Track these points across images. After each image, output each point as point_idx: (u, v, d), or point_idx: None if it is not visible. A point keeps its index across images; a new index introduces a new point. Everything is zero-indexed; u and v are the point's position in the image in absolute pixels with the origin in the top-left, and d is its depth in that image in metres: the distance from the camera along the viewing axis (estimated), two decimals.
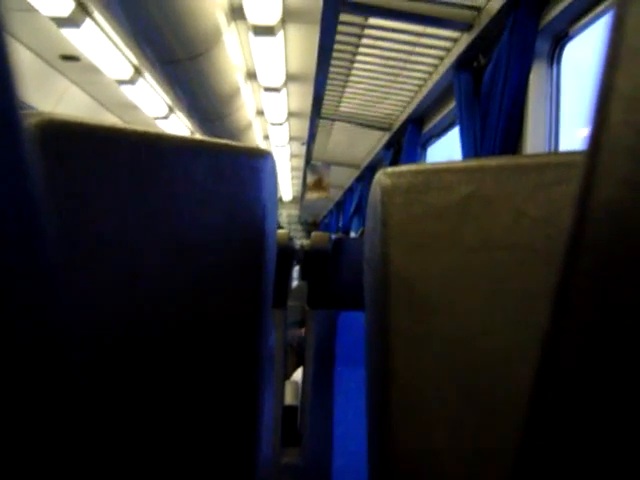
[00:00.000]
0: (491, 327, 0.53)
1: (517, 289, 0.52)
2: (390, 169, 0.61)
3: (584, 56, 2.68)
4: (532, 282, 0.51)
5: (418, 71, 4.11)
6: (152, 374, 0.61)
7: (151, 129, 0.62)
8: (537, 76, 2.64)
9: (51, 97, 6.24)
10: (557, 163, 0.53)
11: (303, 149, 8.03)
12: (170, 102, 6.83)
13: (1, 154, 0.23)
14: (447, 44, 3.52)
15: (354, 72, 4.50)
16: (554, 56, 2.66)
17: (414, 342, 0.57)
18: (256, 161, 0.66)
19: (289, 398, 1.97)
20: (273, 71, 5.42)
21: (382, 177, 0.61)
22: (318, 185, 8.40)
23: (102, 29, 4.75)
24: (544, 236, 0.51)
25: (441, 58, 3.74)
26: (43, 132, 0.54)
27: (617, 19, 0.22)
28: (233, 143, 0.66)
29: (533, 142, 2.64)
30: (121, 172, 0.58)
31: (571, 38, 2.59)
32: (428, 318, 0.56)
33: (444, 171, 0.58)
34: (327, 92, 4.94)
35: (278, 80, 5.70)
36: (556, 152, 2.11)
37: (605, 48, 0.22)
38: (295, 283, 3.96)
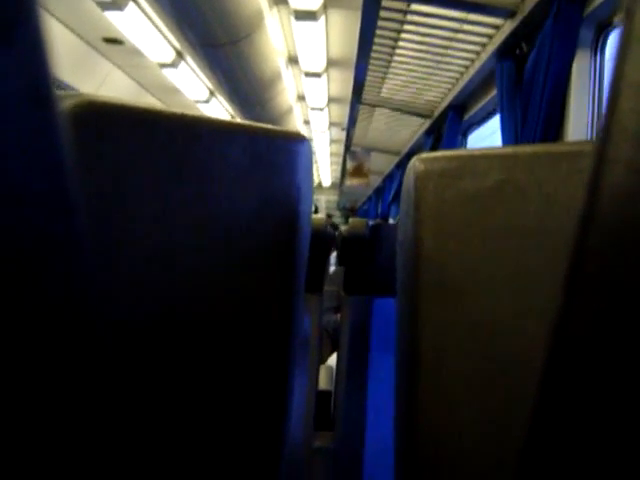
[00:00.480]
0: (520, 313, 0.53)
1: (547, 275, 0.52)
2: (424, 154, 0.61)
3: None
4: (562, 268, 0.51)
5: (460, 58, 4.08)
6: (183, 355, 0.62)
7: (192, 112, 0.62)
8: (580, 65, 2.60)
9: (94, 80, 6.31)
10: (590, 151, 0.53)
11: (343, 135, 8.02)
12: (211, 86, 6.87)
13: (35, 133, 0.24)
14: (489, 31, 3.49)
15: (395, 58, 4.48)
16: (598, 45, 2.61)
17: (442, 326, 0.57)
18: (292, 145, 0.66)
19: (323, 383, 1.97)
20: (314, 56, 5.41)
21: (416, 162, 0.61)
22: (358, 171, 8.38)
23: (145, 12, 4.78)
24: (574, 222, 0.51)
25: (483, 45, 3.71)
26: (82, 113, 0.55)
27: (628, 10, 0.22)
28: (269, 126, 0.66)
29: (575, 132, 2.61)
30: (158, 153, 0.59)
31: (615, 27, 2.55)
32: (457, 303, 0.56)
33: (477, 157, 0.58)
34: (368, 78, 4.93)
35: (319, 65, 5.70)
36: (591, 140, 2.07)
37: (618, 38, 0.23)
38: (332, 269, 3.96)
